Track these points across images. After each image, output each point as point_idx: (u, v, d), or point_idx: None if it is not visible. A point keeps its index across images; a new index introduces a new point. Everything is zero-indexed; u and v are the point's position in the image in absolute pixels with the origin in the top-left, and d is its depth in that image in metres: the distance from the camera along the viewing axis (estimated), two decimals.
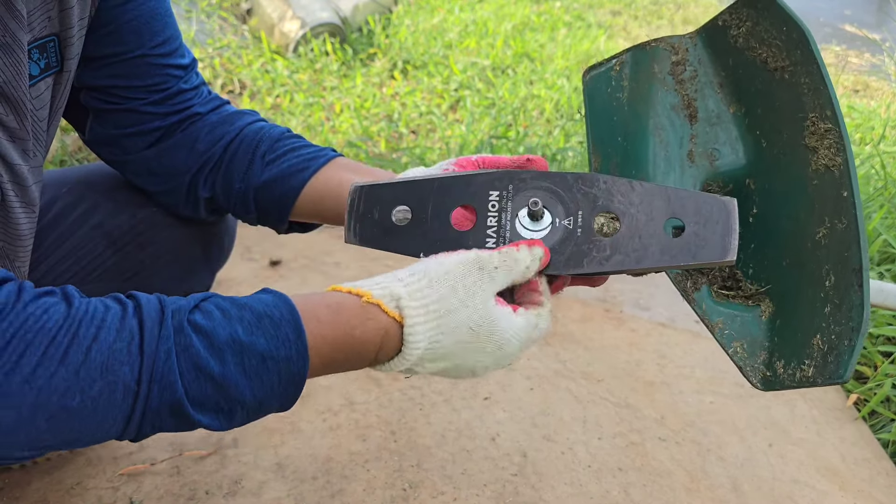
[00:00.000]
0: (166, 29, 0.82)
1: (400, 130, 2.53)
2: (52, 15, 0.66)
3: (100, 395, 0.49)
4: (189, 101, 0.85)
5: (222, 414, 0.55)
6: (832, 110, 0.61)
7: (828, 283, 0.60)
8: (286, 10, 3.01)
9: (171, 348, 0.51)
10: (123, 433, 0.53)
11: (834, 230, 0.60)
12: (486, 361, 0.61)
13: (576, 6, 4.44)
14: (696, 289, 0.71)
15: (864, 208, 1.89)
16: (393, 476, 1.14)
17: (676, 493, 1.17)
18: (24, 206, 0.69)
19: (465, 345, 0.59)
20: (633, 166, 0.76)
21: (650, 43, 0.76)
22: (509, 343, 0.61)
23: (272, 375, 0.54)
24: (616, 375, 1.45)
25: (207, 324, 0.53)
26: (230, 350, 0.53)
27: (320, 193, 0.81)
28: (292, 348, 0.55)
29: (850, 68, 4.32)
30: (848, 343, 0.56)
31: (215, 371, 0.52)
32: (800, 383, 0.60)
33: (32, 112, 0.67)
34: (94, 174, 0.93)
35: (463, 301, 0.58)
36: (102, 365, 0.49)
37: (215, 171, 0.85)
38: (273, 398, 0.56)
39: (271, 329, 0.55)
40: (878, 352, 1.53)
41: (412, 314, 0.58)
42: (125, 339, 0.50)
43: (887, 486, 1.24)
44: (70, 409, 0.48)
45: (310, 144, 0.85)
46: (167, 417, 0.52)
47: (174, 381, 0.51)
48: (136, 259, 0.91)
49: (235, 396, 0.54)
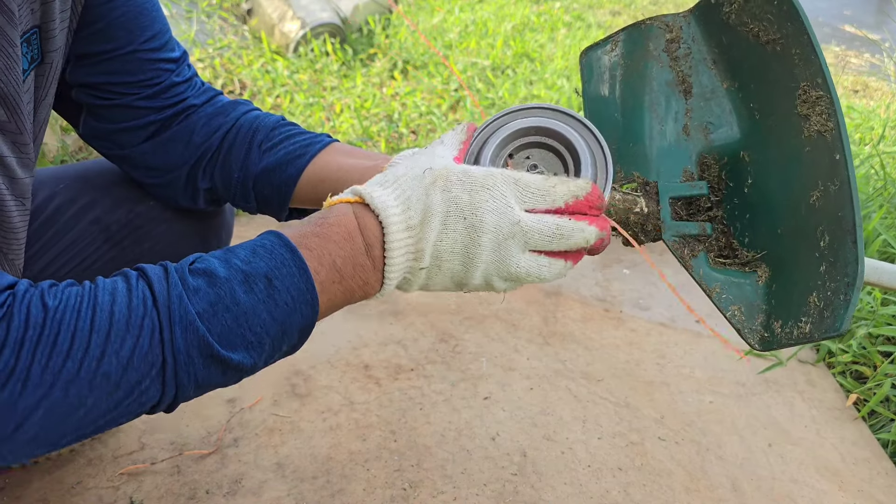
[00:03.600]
0: (155, 23, 0.82)
1: (400, 131, 2.53)
2: (34, 7, 0.66)
3: (132, 351, 0.51)
4: (182, 94, 0.85)
5: (251, 348, 0.55)
6: (823, 78, 0.63)
7: (822, 244, 0.62)
8: (286, 10, 3.01)
9: (181, 293, 0.53)
10: (163, 392, 0.53)
11: (827, 192, 0.62)
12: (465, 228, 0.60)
13: (576, 6, 4.44)
14: (693, 255, 0.72)
15: (863, 209, 1.90)
16: (393, 476, 1.14)
17: (676, 492, 1.17)
18: (15, 199, 0.69)
19: (435, 199, 0.59)
20: (630, 141, 0.77)
21: (645, 22, 0.78)
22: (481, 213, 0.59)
23: (283, 294, 0.55)
24: (616, 375, 1.45)
25: (208, 266, 0.55)
26: (236, 280, 0.54)
27: (319, 178, 0.81)
28: (292, 265, 0.56)
29: (849, 68, 4.32)
30: (843, 297, 0.58)
31: (228, 301, 0.54)
32: (797, 340, 0.62)
33: (24, 106, 0.67)
34: (92, 170, 0.94)
35: (419, 161, 0.61)
36: (127, 323, 0.51)
37: (213, 162, 0.85)
38: (292, 319, 0.56)
39: (266, 255, 0.56)
40: (878, 352, 1.53)
41: (369, 189, 0.60)
42: (139, 297, 0.52)
43: (887, 486, 1.24)
44: (109, 374, 0.50)
45: (306, 131, 0.86)
46: (199, 362, 0.53)
47: (192, 319, 0.52)
48: (134, 253, 0.92)
49: (256, 323, 0.55)
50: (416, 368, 1.39)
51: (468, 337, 1.51)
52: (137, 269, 0.55)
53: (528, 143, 0.66)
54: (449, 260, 0.60)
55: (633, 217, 0.70)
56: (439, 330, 1.52)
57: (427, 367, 1.40)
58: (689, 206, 0.75)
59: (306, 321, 0.57)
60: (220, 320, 0.54)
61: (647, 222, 0.71)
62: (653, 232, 0.71)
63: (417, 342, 1.47)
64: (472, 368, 1.41)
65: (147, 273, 0.54)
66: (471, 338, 1.51)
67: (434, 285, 0.63)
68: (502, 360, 1.45)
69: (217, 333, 0.53)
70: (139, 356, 0.51)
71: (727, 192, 0.74)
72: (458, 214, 0.59)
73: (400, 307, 1.59)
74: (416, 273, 0.61)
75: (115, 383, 0.51)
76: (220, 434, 1.18)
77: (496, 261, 0.60)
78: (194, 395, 0.56)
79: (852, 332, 1.57)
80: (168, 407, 0.56)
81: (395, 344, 1.46)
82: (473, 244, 0.59)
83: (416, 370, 1.39)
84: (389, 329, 1.51)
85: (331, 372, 1.36)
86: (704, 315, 0.74)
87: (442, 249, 0.60)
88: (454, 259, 0.60)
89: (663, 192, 0.73)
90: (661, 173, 0.75)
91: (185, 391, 0.54)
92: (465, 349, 1.47)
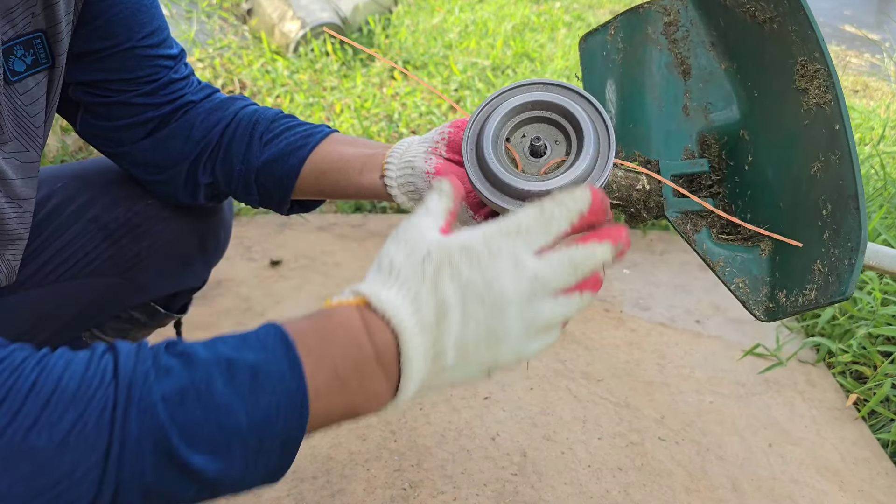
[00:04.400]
0: (153, 20, 0.82)
1: (400, 131, 2.53)
2: (35, 11, 0.66)
3: (71, 427, 0.42)
4: (181, 91, 0.85)
5: (218, 451, 0.45)
6: (820, 52, 0.64)
7: (825, 212, 0.62)
8: (286, 10, 3.01)
9: (148, 370, 0.45)
10: (98, 491, 0.43)
11: (828, 163, 0.62)
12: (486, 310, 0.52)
13: (576, 6, 4.44)
14: (696, 231, 0.73)
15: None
16: (393, 476, 1.14)
17: (676, 492, 1.17)
18: (9, 200, 0.69)
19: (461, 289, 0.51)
20: (631, 122, 0.78)
21: (643, 6, 0.78)
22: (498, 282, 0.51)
23: (268, 395, 0.46)
24: (616, 375, 1.45)
25: (187, 348, 0.47)
26: (216, 365, 0.46)
27: (321, 168, 0.82)
28: (283, 362, 0.47)
29: (849, 68, 4.32)
30: (848, 262, 0.58)
31: (202, 388, 0.45)
32: (803, 307, 0.62)
33: (18, 108, 0.67)
34: (90, 169, 0.94)
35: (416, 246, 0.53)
36: (74, 394, 0.43)
37: (214, 157, 0.86)
38: (272, 428, 0.47)
39: (257, 345, 0.48)
40: (878, 352, 1.53)
41: (373, 288, 0.52)
42: (97, 368, 0.44)
43: (887, 486, 1.24)
44: (37, 449, 0.41)
45: (305, 122, 0.86)
46: (150, 459, 0.44)
47: (154, 402, 0.43)
48: (132, 252, 0.92)
49: (229, 423, 0.45)
50: None
51: None
52: (109, 345, 0.47)
53: (529, 119, 0.64)
54: (475, 350, 0.53)
55: (636, 194, 0.71)
56: None
57: None
58: (691, 183, 0.75)
59: (290, 433, 0.48)
60: (187, 410, 0.44)
61: (650, 199, 0.71)
62: (655, 209, 0.72)
63: None
64: None
65: (116, 347, 0.47)
66: None
67: (458, 382, 0.55)
68: None
69: (180, 425, 0.44)
70: (79, 435, 0.42)
71: (728, 171, 0.74)
72: (476, 300, 0.52)
73: None
74: (440, 376, 0.53)
75: (40, 465, 0.41)
76: None
77: (526, 326, 0.54)
78: (140, 503, 0.45)
79: (852, 333, 1.57)
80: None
81: None
82: (498, 322, 0.52)
83: None
84: None
85: None
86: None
87: (467, 342, 0.52)
88: (480, 347, 0.53)
89: (665, 170, 0.73)
90: (663, 153, 0.76)
91: (127, 493, 0.44)
92: None
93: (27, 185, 0.71)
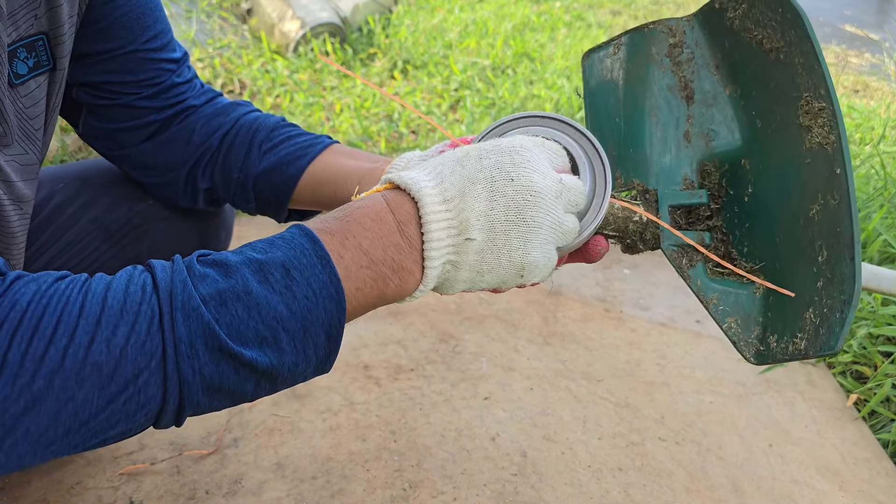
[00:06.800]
0: (157, 23, 0.82)
1: (400, 130, 2.53)
2: (38, 13, 0.66)
3: (126, 339, 0.45)
4: (183, 95, 0.85)
5: (266, 344, 0.49)
6: (826, 89, 0.62)
7: (820, 258, 0.61)
8: (286, 10, 3.01)
9: (185, 279, 0.48)
10: (165, 390, 0.47)
11: (827, 206, 0.61)
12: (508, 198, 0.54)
13: (576, 6, 4.44)
14: (691, 265, 0.72)
15: (863, 209, 1.90)
16: (393, 476, 1.13)
17: (676, 493, 1.17)
18: (13, 203, 0.69)
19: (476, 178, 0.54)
20: (631, 146, 0.77)
21: (648, 25, 0.77)
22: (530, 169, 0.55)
23: (302, 286, 0.49)
24: (616, 375, 1.45)
25: (219, 256, 0.50)
26: (249, 268, 0.49)
27: (319, 180, 0.81)
28: (312, 255, 0.50)
29: (850, 68, 4.32)
30: (839, 315, 0.57)
31: (240, 290, 0.48)
32: (792, 356, 0.62)
33: (20, 110, 0.67)
34: (91, 170, 0.94)
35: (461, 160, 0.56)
36: (121, 309, 0.46)
37: (213, 162, 0.86)
38: (314, 315, 0.50)
39: (284, 245, 0.51)
40: (878, 352, 1.53)
41: (396, 172, 0.56)
42: (137, 283, 0.47)
43: (887, 486, 1.24)
44: (100, 364, 0.45)
45: (306, 132, 0.86)
46: (205, 356, 0.47)
47: (196, 305, 0.47)
48: (134, 252, 0.92)
49: (271, 315, 0.48)
50: (415, 369, 1.39)
51: (468, 337, 1.51)
52: (144, 265, 0.50)
53: None
54: (504, 232, 0.54)
55: (632, 226, 0.70)
56: (439, 330, 1.52)
57: (427, 367, 1.40)
58: (689, 214, 0.74)
59: (331, 318, 0.51)
60: (230, 310, 0.48)
61: (646, 231, 0.70)
62: (651, 241, 0.71)
63: (417, 342, 1.47)
64: (472, 368, 1.41)
65: (151, 264, 0.50)
66: (471, 338, 1.51)
67: (491, 275, 0.56)
68: (502, 361, 1.45)
69: (226, 324, 0.48)
70: (135, 345, 0.46)
71: (727, 200, 0.73)
72: (504, 178, 0.53)
73: (400, 307, 1.59)
74: (464, 251, 0.54)
75: (108, 376, 0.45)
76: (219, 434, 1.18)
77: (553, 224, 0.55)
78: (206, 399, 0.49)
79: (853, 332, 1.57)
80: (176, 414, 0.49)
81: (394, 344, 1.46)
82: (529, 206, 0.53)
83: (416, 370, 1.39)
84: (389, 329, 1.51)
85: (331, 372, 1.36)
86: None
87: (495, 218, 0.53)
88: (510, 230, 0.54)
89: (663, 200, 0.73)
90: (661, 179, 0.75)
91: (191, 390, 0.48)
92: (465, 349, 1.47)
93: (28, 187, 0.72)
